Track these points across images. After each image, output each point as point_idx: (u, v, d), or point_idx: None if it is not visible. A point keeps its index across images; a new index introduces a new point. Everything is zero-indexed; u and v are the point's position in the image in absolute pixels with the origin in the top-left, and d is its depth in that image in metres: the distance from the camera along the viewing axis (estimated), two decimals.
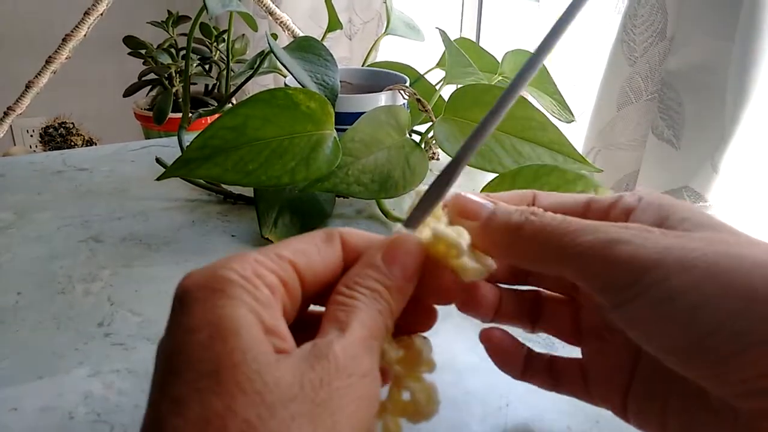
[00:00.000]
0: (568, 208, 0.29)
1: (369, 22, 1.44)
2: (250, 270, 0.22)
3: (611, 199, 0.28)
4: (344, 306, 0.23)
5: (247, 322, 0.21)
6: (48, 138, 1.60)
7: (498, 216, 0.27)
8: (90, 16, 1.06)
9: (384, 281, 0.24)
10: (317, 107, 0.52)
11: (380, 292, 0.24)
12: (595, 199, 0.29)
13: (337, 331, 0.22)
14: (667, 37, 0.67)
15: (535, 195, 0.30)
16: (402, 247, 0.25)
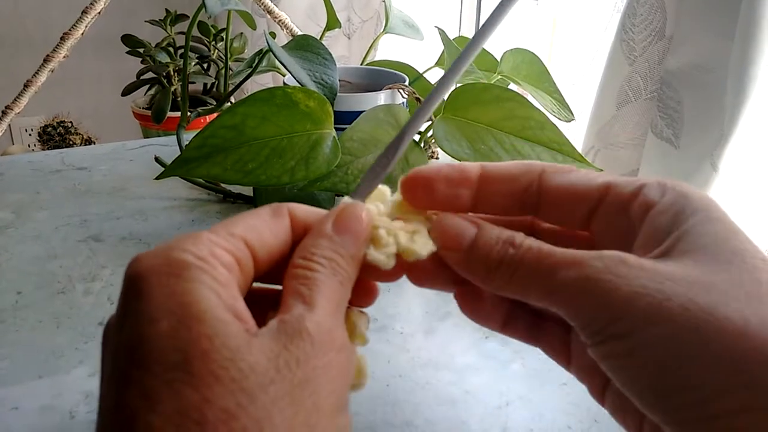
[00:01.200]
0: (582, 192, 0.27)
1: (368, 21, 1.44)
2: (207, 250, 0.21)
3: (633, 188, 0.26)
4: (305, 279, 0.23)
5: (211, 305, 0.20)
6: (46, 137, 1.60)
7: (478, 250, 0.25)
8: (88, 14, 1.06)
9: (338, 250, 0.24)
10: (316, 106, 0.52)
11: (337, 261, 0.24)
12: (614, 184, 0.26)
13: (303, 306, 0.22)
14: (667, 36, 0.67)
15: (543, 171, 0.28)
16: (351, 215, 0.25)
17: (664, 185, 0.25)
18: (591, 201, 0.27)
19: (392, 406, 0.36)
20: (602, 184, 0.26)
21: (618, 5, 0.74)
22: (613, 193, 0.26)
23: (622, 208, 0.26)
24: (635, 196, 0.26)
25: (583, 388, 0.37)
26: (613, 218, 0.26)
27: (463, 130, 0.56)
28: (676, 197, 0.25)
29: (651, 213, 0.25)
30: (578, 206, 0.27)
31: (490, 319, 0.30)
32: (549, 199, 0.27)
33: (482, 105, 0.57)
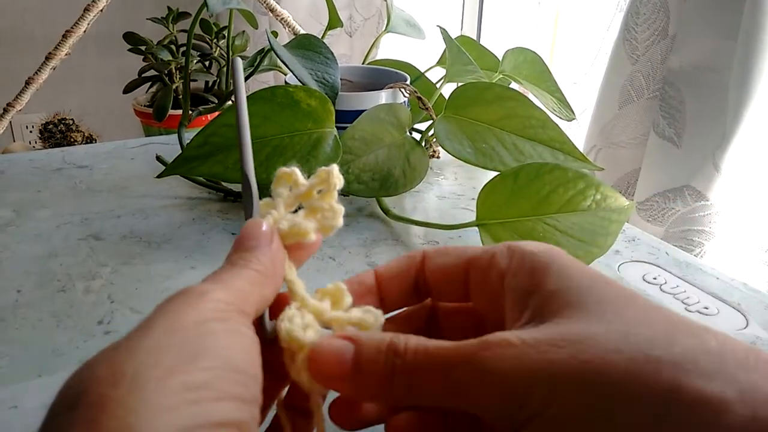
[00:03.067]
0: (452, 268, 0.29)
1: (369, 20, 1.44)
2: None
3: (487, 260, 0.28)
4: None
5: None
6: (48, 134, 1.60)
7: (363, 370, 0.24)
8: (90, 12, 1.06)
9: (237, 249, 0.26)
10: (318, 105, 0.52)
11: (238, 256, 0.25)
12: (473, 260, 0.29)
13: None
14: (669, 36, 0.67)
15: (424, 256, 0.30)
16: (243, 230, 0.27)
17: (510, 248, 0.27)
18: (461, 278, 0.29)
19: None
20: (466, 259, 0.29)
21: (621, 4, 0.74)
22: (473, 267, 0.29)
23: (483, 279, 0.28)
24: (490, 265, 0.28)
25: None
26: (481, 288, 0.28)
27: (464, 129, 0.56)
28: (522, 257, 0.26)
29: (506, 279, 0.27)
30: (454, 284, 0.29)
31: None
32: (432, 281, 0.30)
33: (484, 104, 0.56)
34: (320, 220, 0.29)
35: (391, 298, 0.30)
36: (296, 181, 0.30)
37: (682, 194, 0.65)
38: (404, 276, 0.30)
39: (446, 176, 0.69)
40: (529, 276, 0.25)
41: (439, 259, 0.30)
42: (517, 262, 0.26)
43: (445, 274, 0.29)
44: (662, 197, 0.68)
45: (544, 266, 0.25)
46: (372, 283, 0.30)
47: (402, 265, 0.30)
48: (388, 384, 0.24)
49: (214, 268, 0.48)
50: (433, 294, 0.30)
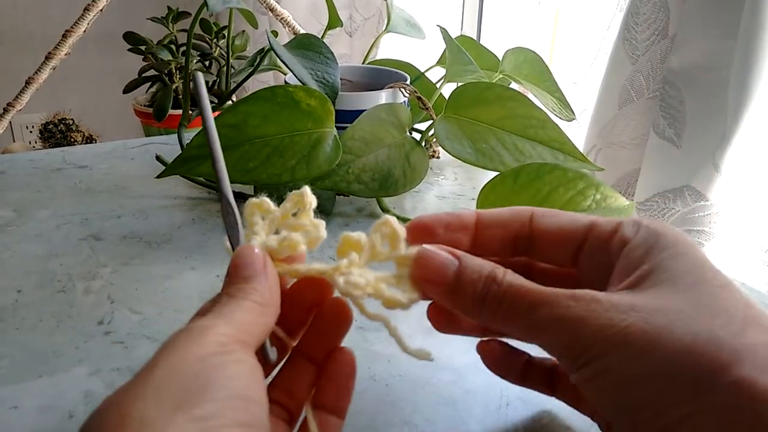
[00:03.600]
0: (568, 232, 0.30)
1: (369, 19, 1.44)
2: None
3: (612, 226, 0.29)
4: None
5: None
6: (48, 134, 1.60)
7: (463, 286, 0.27)
8: (90, 12, 1.06)
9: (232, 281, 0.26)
10: (317, 105, 0.52)
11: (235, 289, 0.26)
12: (597, 223, 0.29)
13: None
14: (669, 36, 0.67)
15: (533, 214, 0.31)
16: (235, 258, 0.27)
17: (639, 224, 0.28)
18: (577, 240, 0.30)
19: (392, 406, 0.36)
20: (586, 224, 0.29)
21: (621, 4, 0.74)
22: (595, 231, 0.29)
23: (603, 245, 0.29)
24: (614, 234, 0.28)
25: None
26: (595, 255, 0.29)
27: (464, 129, 0.56)
28: (648, 235, 0.27)
29: (625, 249, 0.28)
30: (566, 246, 0.30)
31: (511, 373, 0.33)
32: (540, 240, 0.30)
33: (484, 104, 0.56)
34: (304, 236, 0.29)
35: (485, 243, 0.31)
36: (268, 209, 0.31)
37: (682, 194, 0.65)
38: (506, 227, 0.31)
39: (446, 176, 0.69)
40: (646, 251, 0.27)
41: (553, 218, 0.30)
42: (642, 236, 0.27)
43: (560, 234, 0.30)
44: (662, 197, 0.68)
45: (664, 246, 0.27)
46: (470, 223, 0.31)
47: (506, 216, 0.31)
48: (480, 305, 0.27)
49: (213, 269, 0.48)
50: (536, 252, 0.31)
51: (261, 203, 0.31)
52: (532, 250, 0.31)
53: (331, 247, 0.53)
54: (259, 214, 0.31)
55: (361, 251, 0.29)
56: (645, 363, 0.23)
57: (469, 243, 0.31)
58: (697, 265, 0.26)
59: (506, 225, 0.31)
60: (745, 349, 0.22)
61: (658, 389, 0.23)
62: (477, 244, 0.31)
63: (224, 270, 0.49)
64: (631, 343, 0.23)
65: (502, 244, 0.31)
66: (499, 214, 0.31)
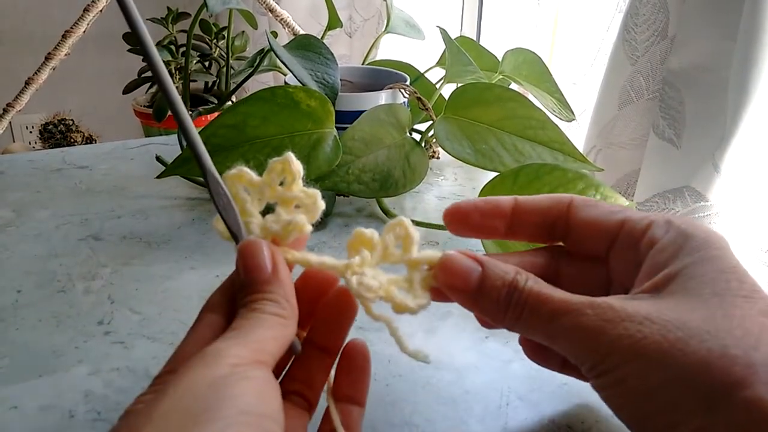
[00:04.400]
0: (603, 225, 0.30)
1: (369, 20, 1.44)
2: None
3: (643, 225, 0.29)
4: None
5: None
6: (47, 135, 1.60)
7: (487, 293, 0.28)
8: (90, 12, 1.06)
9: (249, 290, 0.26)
10: (317, 105, 0.52)
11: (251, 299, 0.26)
12: (629, 220, 0.29)
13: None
14: (669, 36, 0.67)
15: (572, 202, 0.31)
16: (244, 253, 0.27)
17: (670, 223, 0.28)
18: (610, 235, 0.30)
19: (392, 405, 0.36)
20: (620, 220, 0.29)
21: (620, 5, 0.74)
22: (627, 228, 0.29)
23: (634, 243, 0.29)
24: (644, 233, 0.28)
25: (584, 388, 0.37)
26: (626, 252, 0.29)
27: (464, 129, 0.56)
28: (677, 236, 0.27)
29: (653, 250, 0.28)
30: (599, 239, 0.30)
31: (551, 363, 0.34)
32: (575, 230, 0.31)
33: (484, 105, 0.56)
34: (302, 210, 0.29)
35: (522, 228, 0.31)
36: (251, 181, 0.29)
37: (682, 195, 0.65)
38: (545, 213, 0.31)
39: (446, 177, 0.69)
40: (672, 254, 0.27)
41: (590, 210, 0.30)
42: (671, 237, 0.27)
43: (596, 226, 0.30)
44: (662, 198, 0.68)
45: (691, 250, 0.27)
46: (507, 210, 0.31)
47: (545, 203, 0.31)
48: (503, 311, 0.27)
49: (213, 269, 0.48)
50: (569, 241, 0.31)
51: (241, 174, 0.29)
52: (568, 238, 0.31)
53: (330, 248, 0.53)
54: (242, 187, 0.29)
55: (373, 250, 0.29)
56: (659, 375, 0.23)
57: (504, 229, 0.31)
58: (723, 271, 0.26)
59: (545, 212, 0.31)
60: (758, 364, 0.22)
61: (671, 401, 0.23)
62: (512, 228, 0.31)
63: (224, 270, 0.49)
64: (647, 355, 0.23)
65: (538, 230, 0.31)
66: (539, 201, 0.31)
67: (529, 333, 0.27)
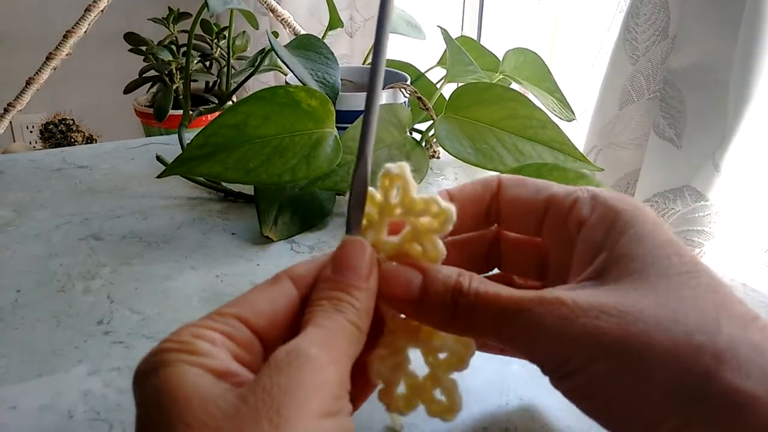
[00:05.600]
0: (530, 204, 0.29)
1: (370, 20, 1.44)
2: (187, 334, 0.23)
3: (569, 202, 0.28)
4: (305, 321, 0.24)
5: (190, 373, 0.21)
6: (48, 134, 1.60)
7: (429, 301, 0.26)
8: (91, 12, 1.06)
9: (339, 287, 0.25)
10: (318, 105, 0.52)
11: (338, 297, 0.25)
12: (554, 200, 0.29)
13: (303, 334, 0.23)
14: (670, 36, 0.67)
15: (500, 183, 0.30)
16: (346, 251, 0.26)
17: (595, 198, 0.27)
18: (538, 213, 0.29)
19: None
20: (545, 198, 0.29)
21: (621, 5, 0.74)
22: (554, 206, 0.29)
23: (562, 221, 0.28)
24: (570, 210, 0.28)
25: None
26: (556, 230, 0.29)
27: (465, 129, 0.56)
28: (605, 212, 0.26)
29: (583, 230, 0.27)
30: (528, 218, 0.29)
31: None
32: (505, 211, 0.30)
33: (484, 104, 0.56)
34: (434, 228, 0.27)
35: (461, 220, 0.29)
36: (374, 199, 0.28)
37: (682, 194, 0.65)
38: (478, 200, 0.30)
39: (446, 176, 0.69)
40: (605, 233, 0.26)
41: (516, 190, 0.30)
42: (598, 215, 0.27)
43: (523, 206, 0.29)
44: (662, 198, 0.68)
45: (623, 227, 0.26)
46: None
47: (477, 190, 0.30)
48: (451, 317, 0.26)
49: (214, 269, 0.48)
50: (502, 223, 0.30)
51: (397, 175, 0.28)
52: (500, 220, 0.30)
53: (331, 248, 0.53)
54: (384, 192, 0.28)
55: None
56: (629, 374, 0.22)
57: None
58: (661, 247, 0.25)
59: (477, 197, 0.30)
60: (724, 350, 0.22)
61: (645, 401, 0.22)
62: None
63: (224, 270, 0.49)
64: (611, 354, 0.22)
65: (474, 219, 0.30)
66: (471, 188, 0.30)
67: (482, 337, 0.26)
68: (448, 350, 0.27)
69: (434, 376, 0.27)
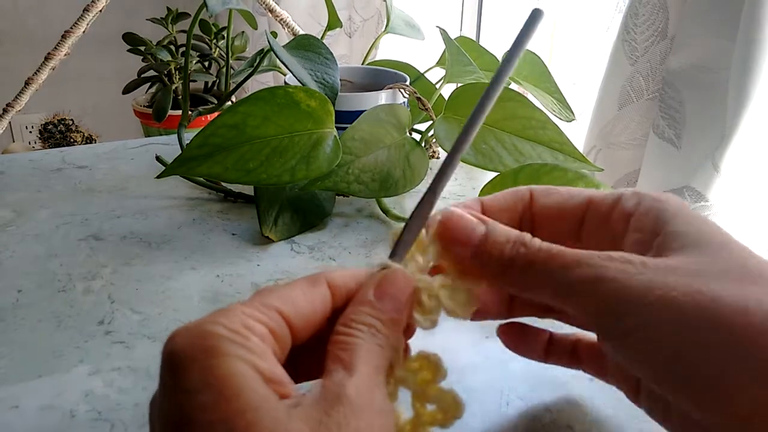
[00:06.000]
0: (567, 209, 0.30)
1: (369, 20, 1.44)
2: (239, 323, 0.22)
3: (610, 201, 0.28)
4: (345, 345, 0.24)
5: (248, 377, 0.21)
6: (47, 134, 1.60)
7: (488, 247, 0.27)
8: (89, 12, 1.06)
9: (378, 315, 0.25)
10: (317, 106, 0.52)
11: (376, 326, 0.25)
12: (594, 201, 0.29)
13: (343, 371, 0.23)
14: (669, 36, 0.67)
15: (532, 194, 0.30)
16: (391, 281, 0.26)
17: (639, 195, 0.28)
18: (576, 217, 0.29)
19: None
20: (583, 201, 0.29)
21: (620, 5, 0.74)
22: (594, 207, 0.29)
23: (603, 220, 0.28)
24: (613, 208, 0.28)
25: (584, 387, 0.37)
26: (597, 231, 0.29)
27: None
28: (651, 204, 0.27)
29: (632, 221, 0.27)
30: (565, 223, 0.30)
31: (534, 352, 0.33)
32: (540, 219, 0.30)
33: None
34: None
35: None
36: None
37: (682, 195, 0.65)
38: (511, 210, 0.30)
39: None
40: (655, 220, 0.26)
41: (551, 197, 0.30)
42: (645, 206, 0.27)
43: (559, 211, 0.30)
44: None
45: (672, 213, 0.26)
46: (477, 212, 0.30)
47: (509, 199, 0.30)
48: (507, 268, 0.26)
49: (214, 269, 0.48)
50: (536, 231, 0.30)
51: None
52: (534, 229, 0.30)
53: (331, 248, 0.53)
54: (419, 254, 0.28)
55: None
56: (699, 330, 0.22)
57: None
58: (712, 229, 0.25)
59: (510, 207, 0.30)
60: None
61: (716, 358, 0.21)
62: None
63: (225, 270, 0.49)
64: (681, 310, 0.22)
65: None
66: (503, 200, 0.31)
67: (536, 291, 0.26)
68: (439, 404, 0.27)
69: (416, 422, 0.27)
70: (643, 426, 0.34)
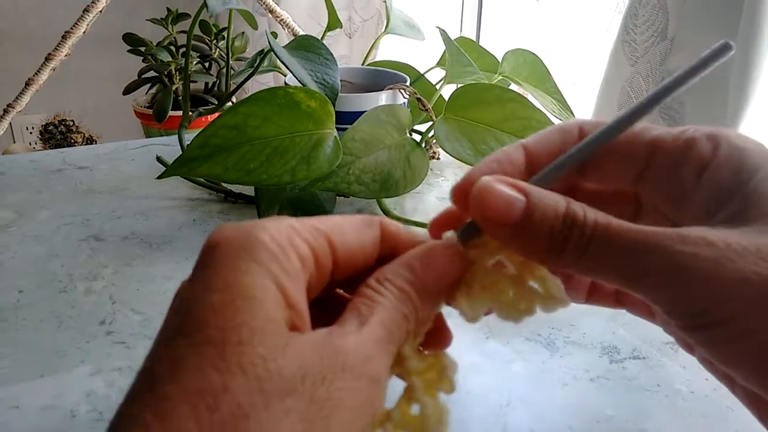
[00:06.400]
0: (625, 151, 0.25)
1: (369, 21, 1.44)
2: (286, 237, 0.21)
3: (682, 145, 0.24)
4: (370, 300, 0.22)
5: (266, 295, 0.19)
6: (48, 135, 1.60)
7: (533, 225, 0.22)
8: (89, 13, 1.06)
9: (415, 284, 0.23)
10: (318, 106, 0.52)
11: (409, 294, 0.22)
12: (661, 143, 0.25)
13: (356, 324, 0.21)
14: (668, 37, 0.67)
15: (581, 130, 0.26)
16: (443, 254, 0.24)
17: (714, 138, 0.24)
18: (637, 162, 0.25)
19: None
20: (648, 141, 0.25)
21: (620, 6, 0.74)
22: (661, 151, 0.25)
23: (672, 168, 0.24)
24: (685, 154, 0.24)
25: (584, 387, 0.37)
26: (664, 178, 0.25)
27: (464, 130, 0.56)
28: (730, 151, 0.23)
29: (707, 173, 0.23)
30: (623, 166, 0.26)
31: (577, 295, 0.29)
32: (592, 162, 0.26)
33: (484, 105, 0.57)
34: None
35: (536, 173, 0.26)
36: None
37: None
38: (556, 151, 0.26)
39: (446, 177, 0.69)
40: (734, 173, 0.23)
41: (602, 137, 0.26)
42: (724, 155, 0.23)
43: (615, 153, 0.25)
44: None
45: (755, 166, 0.23)
46: (521, 162, 0.26)
47: (555, 139, 0.26)
48: (559, 248, 0.22)
49: None
50: (587, 174, 0.27)
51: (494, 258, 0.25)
52: (585, 171, 0.26)
53: None
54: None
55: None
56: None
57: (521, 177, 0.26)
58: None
59: (556, 149, 0.26)
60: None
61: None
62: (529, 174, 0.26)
63: None
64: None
65: None
66: (547, 138, 0.26)
67: (595, 273, 0.22)
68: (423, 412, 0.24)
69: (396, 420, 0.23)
70: (644, 426, 0.34)
